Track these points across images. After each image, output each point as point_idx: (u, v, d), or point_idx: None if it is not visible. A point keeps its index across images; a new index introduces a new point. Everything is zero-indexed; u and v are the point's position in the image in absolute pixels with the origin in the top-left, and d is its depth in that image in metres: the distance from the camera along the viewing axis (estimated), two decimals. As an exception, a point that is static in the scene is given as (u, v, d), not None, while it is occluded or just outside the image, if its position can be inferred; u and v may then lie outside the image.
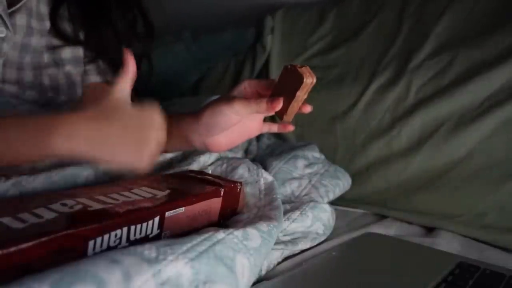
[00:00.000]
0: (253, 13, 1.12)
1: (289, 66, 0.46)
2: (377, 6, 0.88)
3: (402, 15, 0.83)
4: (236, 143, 0.56)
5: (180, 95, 1.11)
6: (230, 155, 0.67)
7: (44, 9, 0.67)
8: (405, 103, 0.74)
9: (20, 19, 0.62)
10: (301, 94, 0.45)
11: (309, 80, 0.44)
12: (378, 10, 0.87)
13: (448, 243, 0.57)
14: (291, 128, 0.57)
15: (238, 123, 0.52)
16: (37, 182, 0.47)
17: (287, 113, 0.47)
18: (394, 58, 0.79)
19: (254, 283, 0.41)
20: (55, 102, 0.67)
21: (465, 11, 0.75)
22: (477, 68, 0.68)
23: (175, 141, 0.59)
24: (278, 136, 0.87)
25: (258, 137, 0.82)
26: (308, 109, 0.50)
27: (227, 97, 0.50)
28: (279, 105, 0.46)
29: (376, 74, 0.79)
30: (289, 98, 0.46)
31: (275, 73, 0.96)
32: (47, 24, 0.67)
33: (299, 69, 0.45)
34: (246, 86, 0.51)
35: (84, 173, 0.52)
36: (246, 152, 0.76)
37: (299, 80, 0.44)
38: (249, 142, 0.78)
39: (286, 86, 0.46)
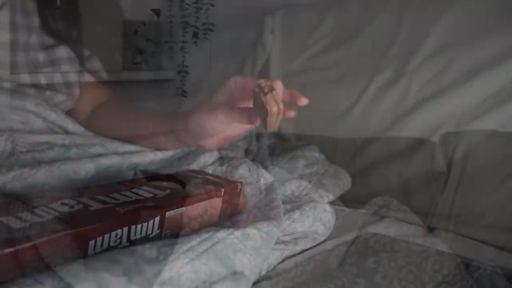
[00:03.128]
0: (253, 13, 1.12)
1: (256, 89, 0.44)
2: (377, 6, 0.88)
3: (402, 15, 0.83)
4: (230, 139, 0.56)
5: (180, 95, 1.11)
6: (231, 155, 0.67)
7: (32, 5, 0.65)
8: (405, 103, 0.74)
9: (3, 16, 0.61)
10: (273, 120, 0.44)
11: (275, 109, 0.43)
12: (378, 10, 0.87)
13: (448, 243, 0.57)
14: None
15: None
16: (39, 175, 0.47)
17: (267, 129, 0.45)
18: (394, 58, 0.79)
19: (254, 283, 0.41)
20: (52, 101, 0.67)
21: (465, 11, 0.75)
22: (477, 68, 0.68)
23: (169, 138, 0.60)
24: (278, 136, 0.87)
25: (258, 137, 0.82)
26: (303, 100, 0.47)
27: (212, 106, 0.49)
28: (256, 122, 0.45)
29: (376, 74, 0.79)
30: (264, 116, 0.44)
31: (275, 73, 0.95)
32: (36, 20, 0.65)
33: (263, 98, 0.43)
34: (233, 84, 0.49)
35: (84, 168, 0.52)
36: (246, 152, 0.76)
37: (265, 108, 0.43)
38: (249, 142, 0.78)
39: (261, 105, 0.44)
